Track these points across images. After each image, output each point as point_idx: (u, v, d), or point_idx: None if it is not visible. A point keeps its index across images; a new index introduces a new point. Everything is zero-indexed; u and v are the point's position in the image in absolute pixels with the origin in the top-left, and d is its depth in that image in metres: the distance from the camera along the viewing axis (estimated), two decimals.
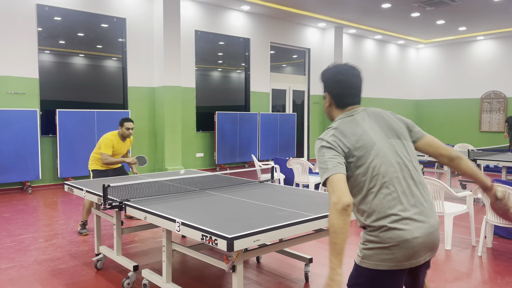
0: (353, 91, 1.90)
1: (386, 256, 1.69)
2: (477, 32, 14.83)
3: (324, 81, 1.94)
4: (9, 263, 4.07)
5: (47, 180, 8.40)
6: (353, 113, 1.90)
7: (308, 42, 13.36)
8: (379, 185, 1.73)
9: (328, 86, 1.92)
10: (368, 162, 1.75)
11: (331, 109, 1.96)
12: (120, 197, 3.38)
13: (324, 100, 1.98)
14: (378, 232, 1.71)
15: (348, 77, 1.89)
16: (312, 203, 3.15)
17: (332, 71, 1.91)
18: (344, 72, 1.89)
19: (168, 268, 3.14)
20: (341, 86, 1.88)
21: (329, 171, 1.70)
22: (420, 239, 1.70)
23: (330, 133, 1.82)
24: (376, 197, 1.72)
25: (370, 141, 1.79)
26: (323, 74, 1.95)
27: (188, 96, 10.44)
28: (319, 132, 13.97)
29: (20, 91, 8.03)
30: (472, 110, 16.17)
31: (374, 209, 1.72)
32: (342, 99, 1.90)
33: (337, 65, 1.92)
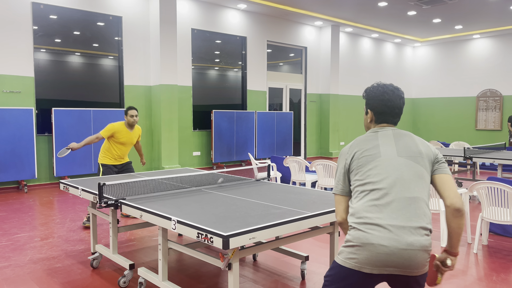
0: (396, 111, 2.02)
1: (351, 255, 1.82)
2: (473, 31, 14.87)
3: (369, 98, 2.06)
4: (5, 262, 4.05)
5: (43, 179, 8.37)
6: (379, 130, 2.02)
7: (305, 40, 13.36)
8: (368, 191, 1.86)
9: (372, 104, 2.04)
10: (366, 170, 1.90)
11: (371, 125, 2.10)
12: (116, 195, 3.37)
13: (365, 115, 2.12)
14: (352, 230, 1.85)
15: (393, 98, 2.01)
16: (308, 201, 3.15)
17: (379, 90, 2.03)
18: (390, 92, 2.01)
19: (164, 266, 3.13)
20: (385, 105, 2.00)
21: (334, 189, 2.05)
22: (388, 250, 1.73)
23: (349, 144, 2.05)
24: (361, 200, 1.87)
25: (377, 153, 1.91)
26: (368, 92, 2.07)
27: (185, 95, 10.42)
28: (316, 130, 13.99)
29: (16, 90, 7.99)
30: (468, 108, 16.22)
31: (356, 210, 1.87)
32: (382, 117, 2.03)
33: (384, 85, 2.04)
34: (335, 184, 2.03)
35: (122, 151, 5.49)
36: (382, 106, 2.01)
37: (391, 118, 2.02)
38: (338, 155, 2.04)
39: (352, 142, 2.02)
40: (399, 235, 1.75)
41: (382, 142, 1.95)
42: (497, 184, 4.14)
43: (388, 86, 2.03)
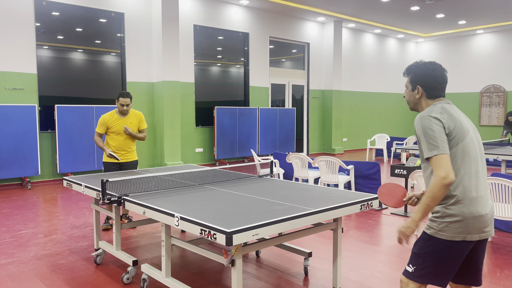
0: (444, 86, 2.19)
1: (462, 229, 2.01)
2: (477, 26, 14.78)
3: (418, 75, 2.20)
4: (9, 259, 4.07)
5: (46, 175, 8.40)
6: (449, 102, 2.18)
7: (307, 36, 13.32)
8: (468, 165, 2.03)
9: (422, 80, 2.19)
10: (464, 144, 2.03)
11: (420, 100, 2.22)
12: (119, 192, 3.38)
13: (412, 91, 2.24)
14: (461, 206, 2.01)
15: (442, 74, 2.19)
16: (311, 197, 3.14)
17: (429, 67, 2.18)
18: (439, 68, 2.18)
19: (167, 262, 3.13)
20: (437, 81, 2.17)
21: (439, 149, 1.99)
22: (489, 215, 2.06)
23: (438, 110, 2.08)
24: (465, 174, 2.02)
25: (466, 127, 2.08)
26: (415, 69, 2.21)
27: (187, 91, 10.41)
28: (319, 127, 13.95)
29: (19, 87, 8.00)
30: (471, 104, 16.15)
31: (463, 183, 2.01)
32: (435, 92, 2.18)
33: (432, 63, 2.19)
34: (439, 144, 1.99)
35: (120, 142, 4.95)
36: (434, 82, 2.17)
37: (442, 92, 2.19)
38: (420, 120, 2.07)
39: (440, 110, 2.08)
40: (489, 199, 2.09)
41: (460, 117, 2.11)
42: (501, 180, 4.12)
43: (436, 63, 2.20)
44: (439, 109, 2.09)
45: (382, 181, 8.48)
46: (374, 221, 5.43)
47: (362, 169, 6.70)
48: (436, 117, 2.04)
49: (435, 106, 2.12)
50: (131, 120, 5.01)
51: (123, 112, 4.92)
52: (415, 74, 2.21)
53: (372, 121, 15.89)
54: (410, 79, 2.24)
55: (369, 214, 5.83)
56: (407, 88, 2.27)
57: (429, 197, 1.99)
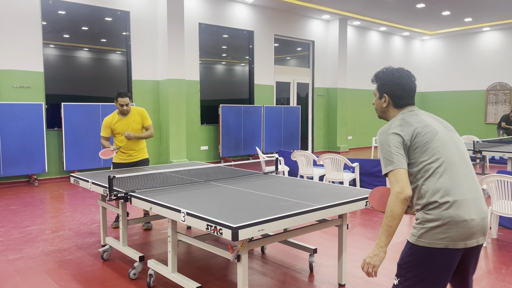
0: (412, 93, 2.09)
1: (442, 234, 1.84)
2: (483, 23, 14.69)
3: (384, 83, 2.10)
4: (17, 254, 4.12)
5: (53, 173, 8.47)
6: (414, 109, 2.08)
7: (312, 34, 13.30)
8: (444, 167, 1.89)
9: (388, 88, 2.09)
10: (433, 147, 1.91)
11: (387, 108, 2.13)
12: (126, 188, 3.41)
13: (379, 100, 2.15)
14: (440, 210, 1.84)
15: (409, 81, 2.08)
16: (316, 194, 3.16)
17: (395, 75, 2.08)
18: (406, 76, 2.08)
19: (173, 258, 3.16)
20: (403, 89, 2.07)
21: (394, 164, 1.90)
22: (476, 221, 1.86)
23: (397, 123, 1.99)
24: (441, 177, 1.88)
25: (433, 129, 1.97)
26: (383, 76, 2.11)
27: (193, 89, 10.45)
28: (324, 125, 13.94)
29: (26, 85, 8.07)
30: (477, 102, 16.07)
31: (439, 187, 1.86)
32: (402, 100, 2.09)
33: (399, 69, 2.09)
34: (394, 159, 1.90)
35: (127, 143, 4.87)
36: (399, 91, 2.07)
37: (409, 100, 2.09)
38: (379, 135, 2.00)
39: (400, 122, 1.99)
40: (479, 204, 1.89)
41: (429, 119, 2.02)
42: (507, 178, 4.11)
43: (403, 70, 2.09)
44: (398, 122, 2.00)
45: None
46: (379, 218, 5.43)
47: (368, 166, 6.70)
48: (394, 132, 1.95)
49: (395, 118, 2.04)
50: (134, 118, 4.88)
51: (124, 112, 4.81)
52: (382, 81, 2.12)
53: (377, 119, 15.85)
54: (377, 86, 2.15)
55: (374, 211, 5.84)
56: (375, 96, 2.17)
57: (388, 216, 1.87)
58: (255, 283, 3.42)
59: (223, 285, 3.37)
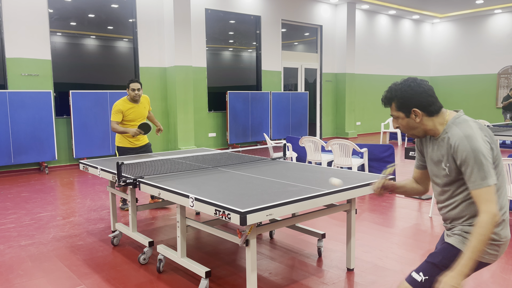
0: (435, 96, 1.91)
1: (494, 252, 1.81)
2: (495, 5, 14.37)
3: (407, 98, 1.87)
4: (29, 240, 4.18)
5: (63, 160, 8.55)
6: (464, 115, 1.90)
7: (320, 19, 13.13)
8: (504, 185, 1.82)
9: (415, 101, 1.87)
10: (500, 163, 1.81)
11: (421, 121, 1.90)
12: (134, 174, 3.43)
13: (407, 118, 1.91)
14: (499, 229, 1.79)
15: (427, 85, 1.89)
16: (324, 179, 3.15)
17: (413, 85, 1.87)
18: (422, 83, 1.88)
19: (182, 243, 3.19)
20: (429, 94, 1.87)
21: (488, 180, 1.70)
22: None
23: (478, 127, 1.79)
24: (502, 195, 1.81)
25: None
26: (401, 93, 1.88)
27: (200, 76, 10.41)
28: (332, 110, 13.85)
29: (34, 73, 8.10)
30: (488, 86, 15.82)
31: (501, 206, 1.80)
32: (432, 107, 1.88)
33: (412, 79, 1.90)
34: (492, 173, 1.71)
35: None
36: (428, 97, 1.86)
37: (439, 103, 1.91)
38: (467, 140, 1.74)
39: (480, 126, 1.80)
40: None
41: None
42: None
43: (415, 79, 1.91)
44: (476, 125, 1.78)
45: (397, 164, 8.43)
46: (388, 204, 5.41)
47: (376, 152, 6.66)
48: (486, 139, 1.75)
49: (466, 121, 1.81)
50: (144, 105, 5.16)
51: (135, 97, 4.97)
52: (403, 98, 1.88)
53: None
54: (397, 106, 1.91)
55: (382, 196, 5.82)
56: (399, 118, 1.93)
57: (481, 241, 1.66)
58: (263, 267, 3.44)
59: (232, 270, 3.40)
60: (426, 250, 3.79)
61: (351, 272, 3.34)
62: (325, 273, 3.32)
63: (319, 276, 3.26)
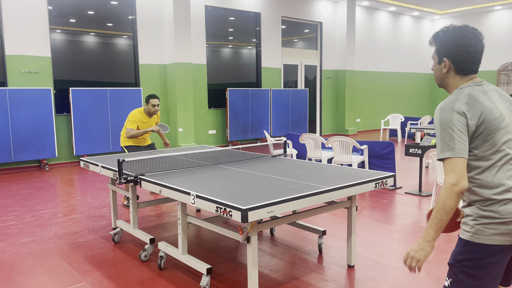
0: (478, 56, 1.77)
1: (503, 231, 1.70)
2: (495, 2, 14.35)
3: (444, 44, 1.79)
4: (30, 237, 4.19)
5: (63, 158, 8.55)
6: (482, 83, 1.79)
7: (320, 15, 13.11)
8: (505, 159, 1.72)
9: (449, 50, 1.78)
10: (497, 137, 1.71)
11: (448, 75, 1.83)
12: (135, 171, 3.43)
13: (438, 65, 1.85)
14: (498, 206, 1.70)
15: (474, 42, 1.75)
16: (325, 176, 3.15)
17: (457, 34, 1.76)
18: (471, 35, 1.75)
19: (183, 240, 3.20)
20: (467, 50, 1.75)
21: (454, 152, 1.67)
22: None
23: (463, 100, 1.70)
24: (499, 170, 1.71)
25: (500, 115, 1.73)
26: (443, 36, 1.80)
27: (200, 73, 10.40)
28: (332, 107, 13.84)
29: (34, 70, 8.09)
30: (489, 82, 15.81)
31: (498, 182, 1.71)
32: (466, 65, 1.78)
33: (462, 27, 1.77)
34: (455, 145, 1.66)
35: (142, 138, 5.48)
36: (463, 53, 1.75)
37: (475, 66, 1.78)
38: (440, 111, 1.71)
39: (467, 99, 1.71)
40: None
41: (497, 100, 1.76)
42: None
43: (468, 28, 1.76)
44: (465, 98, 1.71)
45: (397, 161, 8.44)
46: (388, 200, 5.43)
47: (376, 149, 6.67)
48: (459, 111, 1.68)
49: (462, 92, 1.74)
50: (155, 119, 5.56)
51: (154, 113, 5.32)
52: (442, 43, 1.80)
53: (386, 101, 15.70)
54: (436, 49, 1.84)
55: (383, 193, 5.83)
56: (434, 60, 1.88)
57: (439, 209, 1.67)
58: (264, 264, 3.45)
59: (233, 267, 3.41)
60: None
61: (351, 268, 3.35)
62: (326, 270, 3.33)
63: (320, 273, 3.27)
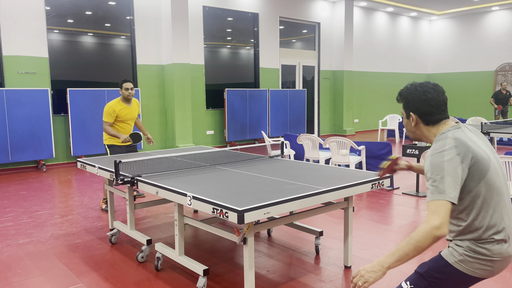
0: (442, 108, 1.89)
1: (487, 268, 1.75)
2: (492, 2, 14.39)
3: (408, 100, 1.93)
4: (27, 238, 4.18)
5: (61, 158, 8.54)
6: (459, 126, 1.85)
7: (318, 16, 13.12)
8: (496, 200, 1.75)
9: (414, 106, 1.91)
10: (487, 178, 1.74)
11: (418, 127, 1.94)
12: (132, 172, 3.43)
13: (407, 119, 1.97)
14: (491, 245, 1.74)
15: (435, 96, 1.88)
16: (322, 177, 3.16)
17: (418, 90, 1.89)
18: (431, 90, 1.88)
19: (180, 241, 3.20)
20: (429, 104, 1.87)
21: (445, 195, 1.65)
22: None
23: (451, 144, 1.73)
24: (494, 212, 1.75)
25: (485, 154, 1.76)
26: (406, 94, 1.94)
27: (197, 74, 10.40)
28: (330, 108, 13.86)
29: (31, 71, 8.07)
30: (486, 83, 15.85)
31: (494, 223, 1.74)
32: (432, 117, 1.89)
33: (423, 84, 1.91)
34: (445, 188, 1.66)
35: (125, 130, 5.21)
36: (426, 107, 1.88)
37: (442, 115, 1.89)
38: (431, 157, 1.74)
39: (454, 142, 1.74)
40: None
41: (477, 143, 1.79)
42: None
43: (428, 84, 1.91)
44: (452, 142, 1.73)
45: None
46: (385, 201, 5.43)
47: (374, 149, 6.68)
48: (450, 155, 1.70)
49: (446, 136, 1.78)
50: (135, 107, 5.30)
51: (129, 96, 5.12)
52: (407, 100, 1.93)
53: (383, 101, 15.72)
54: (403, 106, 1.97)
55: (380, 194, 5.84)
56: (403, 116, 2.00)
57: (410, 244, 1.64)
58: (261, 265, 3.45)
59: (229, 268, 3.41)
60: None
61: (348, 269, 3.36)
62: (323, 271, 3.33)
63: (317, 274, 3.27)
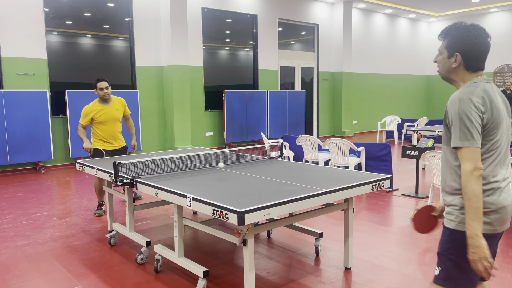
0: (487, 56, 1.85)
1: (486, 220, 1.77)
2: (491, 4, 14.42)
3: (458, 40, 1.84)
4: (25, 240, 4.16)
5: (59, 160, 8.51)
6: (490, 81, 1.86)
7: (316, 18, 13.13)
8: (496, 155, 1.80)
9: (463, 47, 1.83)
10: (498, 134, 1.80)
11: (457, 70, 1.88)
12: (131, 174, 3.42)
13: (447, 59, 1.89)
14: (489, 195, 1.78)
15: (486, 41, 1.83)
16: (322, 178, 3.15)
17: (472, 33, 1.82)
18: (484, 35, 1.83)
19: (180, 243, 3.18)
20: (479, 49, 1.82)
21: (473, 141, 1.72)
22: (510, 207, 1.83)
23: (480, 93, 1.76)
24: (490, 164, 1.80)
25: (501, 114, 1.81)
26: (456, 32, 1.85)
27: (196, 75, 10.39)
28: (329, 109, 13.86)
29: (29, 72, 8.06)
30: None
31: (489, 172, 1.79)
32: (476, 63, 1.84)
33: (475, 26, 1.84)
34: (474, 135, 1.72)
35: (107, 132, 4.94)
36: (475, 51, 1.82)
37: (483, 64, 1.86)
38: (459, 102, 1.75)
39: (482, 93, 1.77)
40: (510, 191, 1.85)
41: (498, 102, 1.82)
42: None
43: (480, 28, 1.83)
44: (481, 92, 1.76)
45: (393, 162, 8.45)
46: (385, 202, 5.43)
47: (373, 150, 6.67)
48: (476, 104, 1.73)
49: (477, 86, 1.79)
50: (116, 107, 4.99)
51: (105, 96, 4.85)
52: (455, 38, 1.84)
53: (382, 103, 15.73)
54: (447, 43, 1.87)
55: (380, 195, 5.83)
56: (442, 54, 1.90)
57: (471, 198, 1.69)
58: (261, 267, 3.44)
59: (229, 269, 3.39)
60: (423, 248, 3.80)
61: (348, 271, 3.35)
62: (323, 272, 3.32)
63: (317, 275, 3.26)
